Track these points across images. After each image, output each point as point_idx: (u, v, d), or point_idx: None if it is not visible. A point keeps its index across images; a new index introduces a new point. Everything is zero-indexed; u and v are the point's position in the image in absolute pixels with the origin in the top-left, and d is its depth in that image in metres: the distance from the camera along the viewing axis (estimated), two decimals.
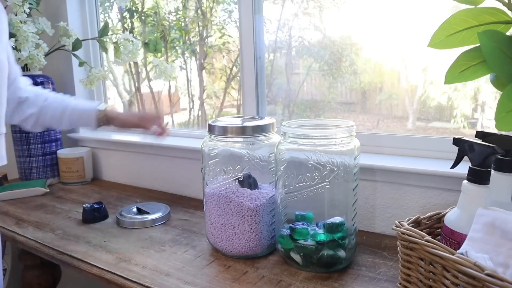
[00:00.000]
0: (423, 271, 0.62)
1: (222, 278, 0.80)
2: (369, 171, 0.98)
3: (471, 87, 1.02)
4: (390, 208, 0.99)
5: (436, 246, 0.57)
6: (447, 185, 0.90)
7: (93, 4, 1.64)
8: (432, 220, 0.72)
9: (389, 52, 1.10)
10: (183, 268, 0.84)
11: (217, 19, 1.47)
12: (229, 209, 0.86)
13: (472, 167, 0.63)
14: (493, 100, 0.98)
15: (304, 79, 1.27)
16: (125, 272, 0.82)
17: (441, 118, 1.06)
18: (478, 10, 0.67)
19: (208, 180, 0.90)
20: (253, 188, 0.88)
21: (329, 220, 0.81)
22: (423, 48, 0.72)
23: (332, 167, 0.79)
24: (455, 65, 0.71)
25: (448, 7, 0.92)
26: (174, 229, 1.06)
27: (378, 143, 1.07)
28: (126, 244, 0.97)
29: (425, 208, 0.93)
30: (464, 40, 0.69)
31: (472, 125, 1.02)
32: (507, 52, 0.64)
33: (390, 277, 0.78)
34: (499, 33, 0.65)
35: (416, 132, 1.08)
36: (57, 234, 1.03)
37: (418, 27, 1.00)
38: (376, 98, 1.16)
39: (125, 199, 1.32)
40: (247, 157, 0.85)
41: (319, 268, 0.80)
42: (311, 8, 1.22)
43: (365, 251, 0.89)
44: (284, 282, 0.77)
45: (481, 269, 0.51)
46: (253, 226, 0.85)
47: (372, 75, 1.15)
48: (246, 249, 0.86)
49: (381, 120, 1.16)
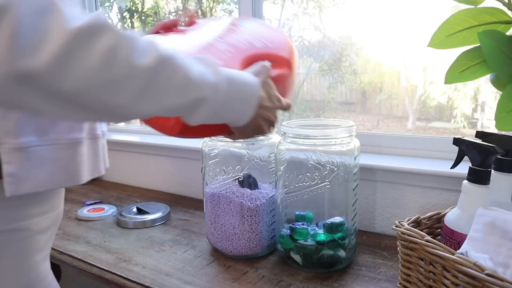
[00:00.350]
0: (423, 271, 0.62)
1: (222, 278, 0.80)
2: (369, 171, 0.98)
3: (471, 87, 1.02)
4: (390, 208, 0.99)
5: (436, 246, 0.57)
6: (447, 185, 0.89)
7: (93, 4, 1.65)
8: (432, 220, 0.72)
9: (389, 52, 1.10)
10: (183, 268, 0.84)
11: None
12: (229, 209, 0.86)
13: (472, 167, 0.63)
14: (493, 100, 0.98)
15: (304, 79, 1.27)
16: (125, 272, 0.82)
17: (441, 118, 1.06)
18: (478, 10, 0.67)
19: (208, 180, 0.90)
20: (253, 188, 0.88)
21: (329, 220, 0.81)
22: (423, 48, 0.72)
23: (332, 167, 0.79)
24: (455, 65, 0.71)
25: (448, 7, 0.92)
26: (174, 229, 1.06)
27: (378, 143, 1.07)
28: (126, 244, 0.97)
29: (425, 208, 0.93)
30: (464, 40, 0.69)
31: (472, 125, 1.02)
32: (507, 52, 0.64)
33: (390, 277, 0.78)
34: (499, 33, 0.65)
35: (416, 132, 1.08)
36: (57, 234, 1.03)
37: (418, 27, 1.00)
38: (376, 98, 1.16)
39: (125, 199, 1.32)
40: (247, 157, 0.85)
41: (319, 268, 0.80)
42: (311, 8, 1.22)
43: (365, 251, 0.89)
44: (284, 282, 0.77)
45: (481, 269, 0.51)
46: (253, 226, 0.85)
47: (372, 75, 1.15)
48: (246, 249, 0.86)
49: (381, 120, 1.16)
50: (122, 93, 0.39)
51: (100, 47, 0.36)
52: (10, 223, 0.55)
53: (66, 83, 0.35)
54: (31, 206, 0.57)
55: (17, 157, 0.51)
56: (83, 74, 0.36)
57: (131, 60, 0.38)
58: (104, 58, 0.36)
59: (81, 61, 0.35)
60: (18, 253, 0.56)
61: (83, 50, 0.35)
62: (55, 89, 0.35)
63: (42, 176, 0.54)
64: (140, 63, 0.39)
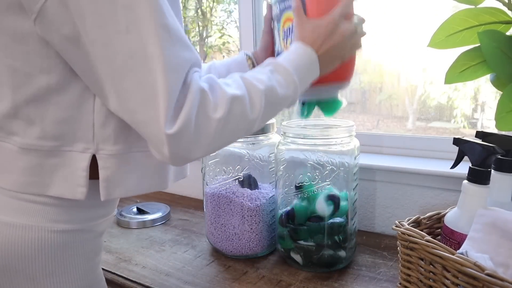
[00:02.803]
0: (423, 271, 0.62)
1: (222, 278, 0.80)
2: (369, 171, 0.98)
3: (471, 87, 1.02)
4: (390, 208, 0.99)
5: (436, 246, 0.57)
6: (447, 185, 0.90)
7: None
8: (432, 220, 0.72)
9: (389, 52, 1.10)
10: (183, 268, 0.84)
11: (217, 19, 1.47)
12: (229, 209, 0.86)
13: (472, 167, 0.63)
14: (493, 100, 0.98)
15: None
16: (125, 272, 0.82)
17: (441, 118, 1.06)
18: (478, 10, 0.67)
19: (208, 180, 0.90)
20: (253, 188, 0.88)
21: (329, 220, 0.81)
22: (423, 48, 0.72)
23: (332, 167, 0.79)
24: (455, 65, 0.71)
25: (448, 7, 0.92)
26: (174, 229, 1.06)
27: (378, 143, 1.07)
28: (126, 244, 0.97)
29: (425, 208, 0.93)
30: (464, 40, 0.69)
31: (472, 125, 1.02)
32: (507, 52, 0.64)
33: (390, 277, 0.78)
34: (499, 33, 0.65)
35: (416, 132, 1.08)
36: None
37: (418, 27, 1.00)
38: (376, 98, 1.16)
39: (125, 199, 1.32)
40: (247, 157, 0.85)
41: (319, 268, 0.80)
42: None
43: (365, 251, 0.89)
44: (284, 282, 0.77)
45: (481, 269, 0.51)
46: (253, 226, 0.85)
47: (372, 75, 1.15)
48: (246, 249, 0.86)
49: (381, 120, 1.16)
50: (243, 134, 0.53)
51: (233, 123, 0.50)
52: (83, 222, 0.56)
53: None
54: (99, 208, 0.58)
55: (112, 163, 0.53)
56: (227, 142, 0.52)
57: (247, 115, 0.51)
58: (235, 126, 0.50)
59: (227, 139, 0.51)
60: (86, 253, 0.57)
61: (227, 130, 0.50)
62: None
63: (133, 182, 0.55)
64: (254, 114, 0.52)
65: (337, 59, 0.62)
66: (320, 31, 0.60)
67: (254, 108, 0.52)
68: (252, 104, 0.51)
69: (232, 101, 0.49)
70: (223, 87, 0.50)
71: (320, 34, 0.60)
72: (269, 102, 0.54)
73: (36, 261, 0.52)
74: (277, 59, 0.58)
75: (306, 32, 0.61)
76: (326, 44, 0.60)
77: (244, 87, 0.51)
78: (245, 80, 0.53)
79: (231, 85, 0.51)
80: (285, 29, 0.69)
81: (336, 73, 0.64)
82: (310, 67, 0.60)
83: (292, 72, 0.57)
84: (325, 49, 0.60)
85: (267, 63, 0.58)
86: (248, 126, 0.52)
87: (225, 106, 0.48)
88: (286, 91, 0.56)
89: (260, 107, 0.52)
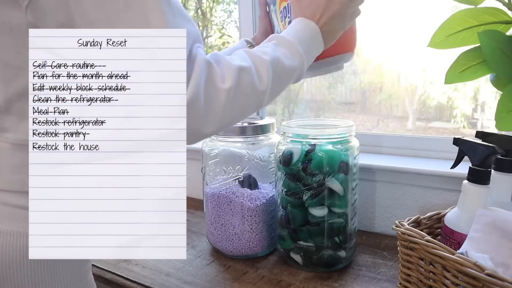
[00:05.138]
0: (423, 271, 0.62)
1: (222, 278, 0.80)
2: (369, 171, 0.98)
3: (471, 87, 1.02)
4: (390, 208, 0.99)
5: (436, 246, 0.57)
6: (447, 185, 0.89)
7: None
8: (432, 220, 0.72)
9: (389, 52, 1.10)
10: (183, 268, 0.84)
11: (217, 19, 1.47)
12: (229, 209, 0.86)
13: (472, 167, 0.63)
14: (493, 100, 0.98)
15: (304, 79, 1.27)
16: (125, 272, 0.82)
17: (441, 118, 1.06)
18: (478, 10, 0.67)
19: (208, 180, 0.90)
20: (253, 188, 0.88)
21: (329, 220, 0.81)
22: (423, 48, 0.72)
23: None
24: (455, 65, 0.71)
25: (448, 7, 0.92)
26: None
27: (378, 143, 1.07)
28: None
29: (425, 208, 0.93)
30: (464, 40, 0.69)
31: (472, 125, 1.02)
32: (507, 52, 0.64)
33: (390, 277, 0.78)
34: (499, 33, 0.65)
35: (416, 132, 1.08)
36: None
37: (418, 27, 1.00)
38: (376, 98, 1.16)
39: None
40: (247, 157, 0.85)
41: (319, 268, 0.80)
42: None
43: (365, 251, 0.89)
44: (284, 282, 0.77)
45: (481, 269, 0.51)
46: (253, 226, 0.85)
47: (372, 75, 1.15)
48: (246, 249, 0.86)
49: (381, 120, 1.16)
50: (254, 107, 0.53)
51: (242, 94, 0.49)
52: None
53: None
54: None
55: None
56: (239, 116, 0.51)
57: (256, 86, 0.50)
58: (245, 96, 0.49)
59: (238, 112, 0.50)
60: (76, 260, 0.57)
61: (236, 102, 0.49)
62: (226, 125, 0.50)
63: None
64: (262, 85, 0.51)
65: (339, 29, 0.62)
66: (317, 3, 0.60)
67: (262, 79, 0.51)
68: (259, 76, 0.51)
69: (239, 71, 0.48)
70: (228, 59, 0.49)
71: (318, 6, 0.60)
72: (276, 73, 0.53)
73: (24, 268, 0.51)
74: (280, 34, 0.58)
75: (304, 6, 0.61)
76: (325, 15, 0.60)
77: (249, 59, 0.51)
78: (249, 53, 0.52)
79: (236, 59, 0.51)
80: (281, 9, 0.69)
81: (340, 44, 0.64)
82: (313, 39, 0.59)
83: (296, 43, 0.56)
84: (325, 20, 0.60)
85: (270, 39, 0.57)
86: (258, 99, 0.52)
87: (233, 77, 0.47)
88: (292, 62, 0.55)
89: (268, 78, 0.51)
